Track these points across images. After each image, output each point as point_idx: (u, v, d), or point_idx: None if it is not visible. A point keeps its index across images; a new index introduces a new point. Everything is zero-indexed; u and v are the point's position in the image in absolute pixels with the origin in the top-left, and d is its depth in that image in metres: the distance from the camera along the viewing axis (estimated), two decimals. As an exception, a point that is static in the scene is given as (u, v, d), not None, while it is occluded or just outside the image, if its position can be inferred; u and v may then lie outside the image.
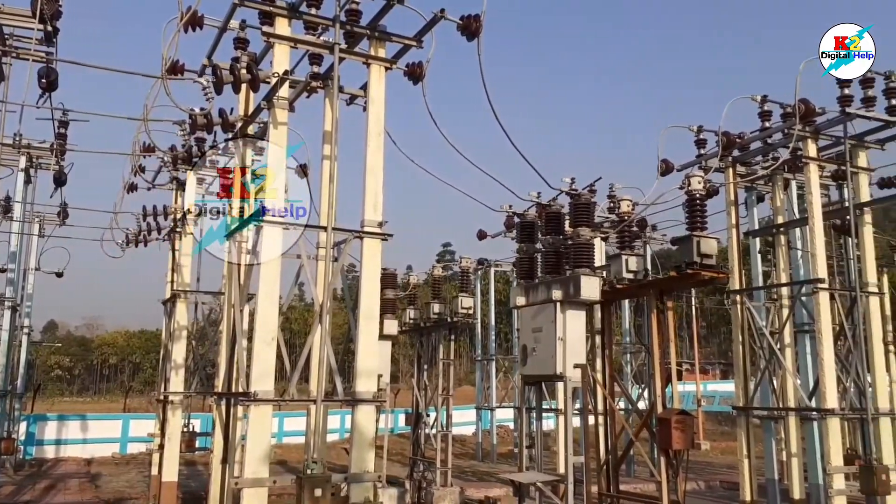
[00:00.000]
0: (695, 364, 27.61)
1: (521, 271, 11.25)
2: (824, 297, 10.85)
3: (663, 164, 13.00)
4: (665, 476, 9.59)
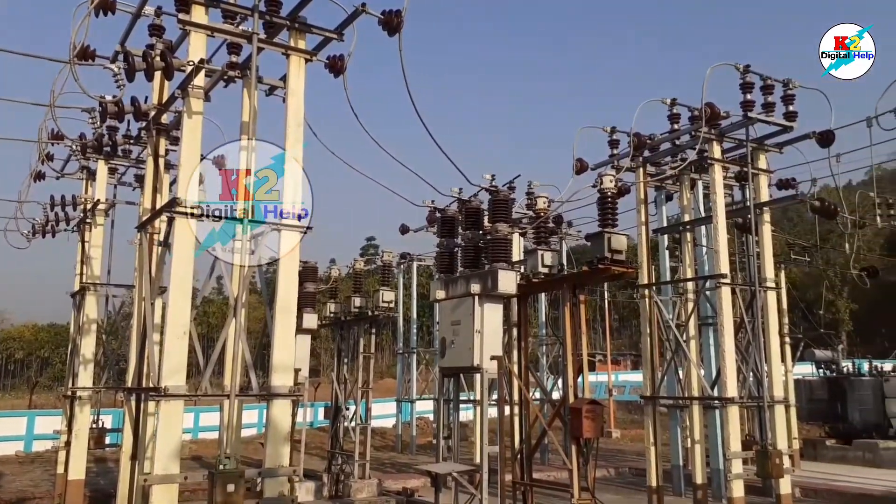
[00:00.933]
0: (607, 355, 28.47)
1: (442, 265, 11.41)
2: (726, 292, 11.46)
3: (578, 163, 13.41)
4: (576, 463, 9.94)
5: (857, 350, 46.41)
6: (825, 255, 48.69)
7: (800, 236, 32.56)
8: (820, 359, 24.64)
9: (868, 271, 16.54)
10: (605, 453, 23.67)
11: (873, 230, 37.04)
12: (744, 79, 11.35)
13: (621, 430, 29.88)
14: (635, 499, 13.72)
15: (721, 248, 11.58)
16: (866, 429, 22.69)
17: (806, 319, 31.64)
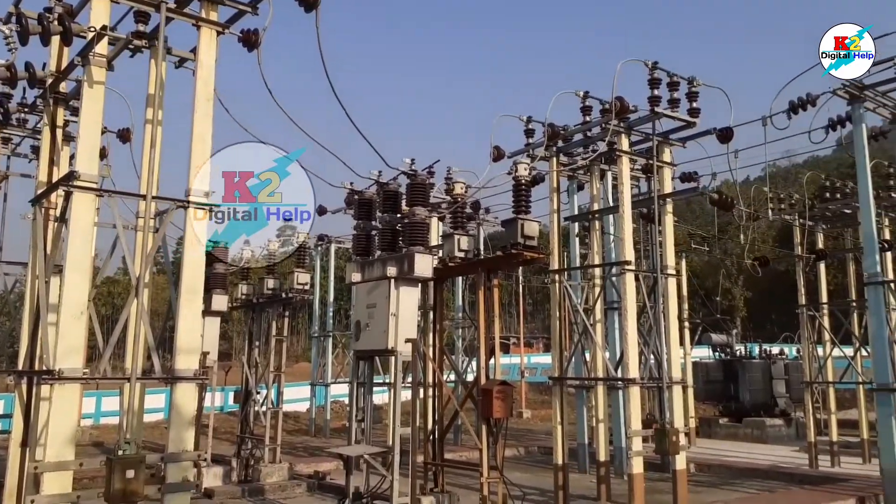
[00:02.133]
0: (520, 338, 29.13)
1: (358, 248, 11.37)
2: (630, 278, 11.92)
3: (495, 150, 13.58)
4: (485, 443, 10.18)
5: (750, 335, 49.20)
6: (723, 245, 51.22)
7: (701, 227, 34.13)
8: (716, 343, 26.05)
9: (760, 261, 17.57)
10: (515, 433, 24.28)
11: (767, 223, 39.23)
12: (651, 75, 11.73)
13: (532, 410, 30.70)
14: (542, 476, 14.16)
15: (626, 237, 12.01)
16: (755, 408, 24.20)
17: (704, 306, 33.30)
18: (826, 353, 17.48)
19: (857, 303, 17.71)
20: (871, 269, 12.20)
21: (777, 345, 27.83)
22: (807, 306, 17.37)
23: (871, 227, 12.30)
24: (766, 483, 14.77)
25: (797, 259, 17.48)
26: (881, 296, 12.12)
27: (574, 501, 12.32)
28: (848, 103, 12.25)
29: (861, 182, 12.41)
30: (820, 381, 17.39)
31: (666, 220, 12.70)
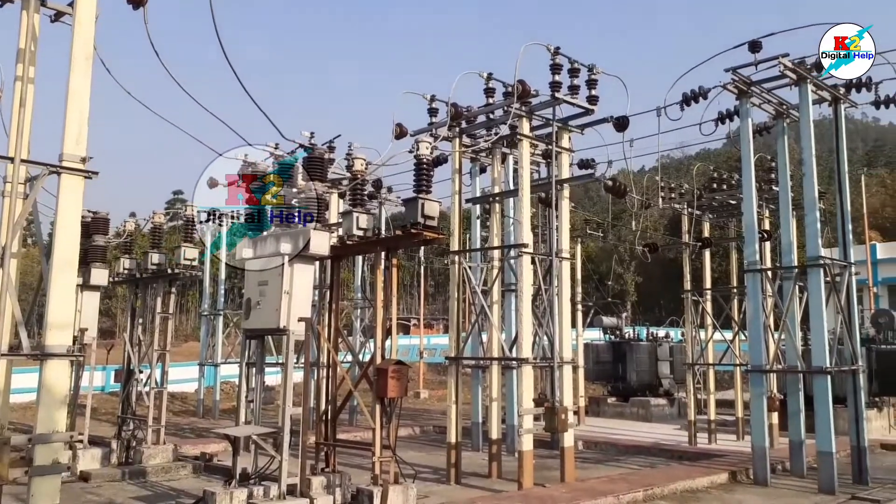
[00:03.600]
0: (420, 319, 29.29)
1: (250, 223, 10.97)
2: (527, 260, 12.13)
3: (398, 128, 13.47)
4: (379, 422, 10.12)
5: (639, 318, 51.38)
6: (617, 232, 53.21)
7: (597, 214, 35.31)
8: (607, 325, 27.01)
9: (650, 247, 18.32)
10: (412, 413, 24.43)
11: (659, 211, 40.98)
12: (553, 60, 11.90)
13: (430, 390, 30.99)
14: (436, 455, 14.26)
15: (524, 220, 12.20)
16: (641, 388, 25.33)
17: (597, 289, 34.54)
18: (708, 336, 18.47)
19: (737, 289, 18.76)
20: (751, 258, 12.91)
21: (664, 328, 29.22)
22: (691, 292, 18.25)
23: (753, 217, 13.01)
24: (648, 459, 15.49)
25: (684, 246, 18.32)
26: (758, 283, 12.86)
27: (466, 479, 12.49)
28: (736, 98, 12.86)
29: (745, 174, 13.09)
30: (701, 363, 18.35)
31: (563, 205, 12.97)
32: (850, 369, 12.47)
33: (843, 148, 13.20)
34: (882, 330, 21.16)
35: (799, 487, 11.69)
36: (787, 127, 13.67)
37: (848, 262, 12.74)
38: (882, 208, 63.97)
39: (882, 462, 14.43)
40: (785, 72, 11.91)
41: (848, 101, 13.19)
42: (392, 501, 9.67)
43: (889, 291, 42.12)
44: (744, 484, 12.13)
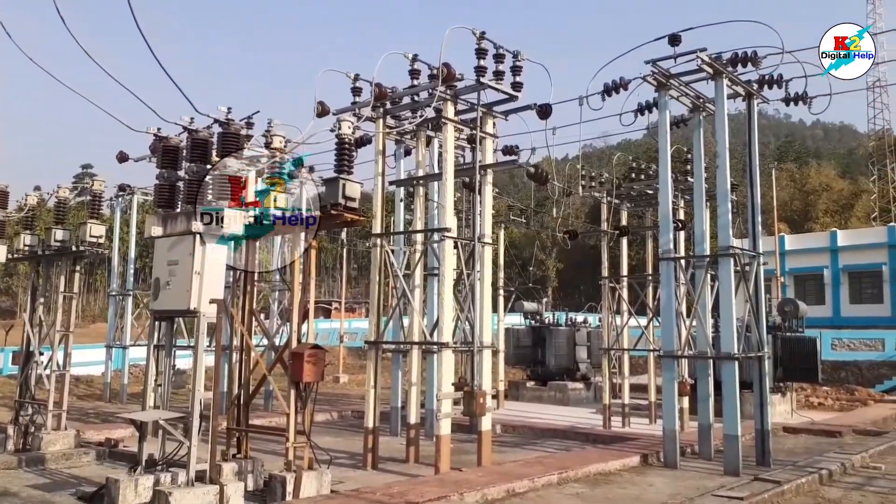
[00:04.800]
0: (342, 302, 28.98)
1: (161, 200, 10.53)
2: (449, 245, 12.08)
3: (319, 105, 13.11)
4: (293, 407, 9.89)
5: (560, 304, 52.49)
6: (540, 218, 54.01)
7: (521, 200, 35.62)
8: (527, 310, 27.38)
9: (570, 234, 18.61)
10: (331, 398, 24.19)
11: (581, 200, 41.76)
12: (479, 45, 11.81)
13: (350, 375, 30.76)
14: (354, 440, 14.13)
15: (448, 204, 12.13)
16: (560, 372, 25.84)
17: (520, 275, 34.97)
18: (623, 322, 18.94)
19: (652, 277, 19.28)
20: (665, 246, 13.25)
21: (582, 314, 29.85)
22: (609, 278, 18.65)
23: (668, 207, 13.33)
24: (564, 442, 15.80)
25: (603, 234, 18.68)
26: (672, 271, 13.20)
27: (383, 463, 12.40)
28: (655, 90, 13.11)
29: (662, 165, 13.38)
30: (616, 348, 18.82)
31: (486, 190, 12.96)
32: (757, 356, 12.97)
33: (755, 142, 13.64)
34: (787, 318, 22.19)
35: (706, 469, 12.11)
36: (703, 120, 14.05)
37: (757, 253, 13.23)
38: (791, 202, 67.36)
39: (784, 445, 15.14)
40: (702, 66, 12.21)
41: (761, 96, 13.64)
42: (305, 487, 9.49)
43: (795, 281, 44.42)
44: (654, 467, 12.49)
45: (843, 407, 23.44)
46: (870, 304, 41.77)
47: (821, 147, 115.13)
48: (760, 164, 14.30)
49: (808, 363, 20.87)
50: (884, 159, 67.27)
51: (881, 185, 67.18)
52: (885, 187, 66.58)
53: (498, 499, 9.63)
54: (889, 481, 11.43)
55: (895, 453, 14.36)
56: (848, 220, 62.86)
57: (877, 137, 69.27)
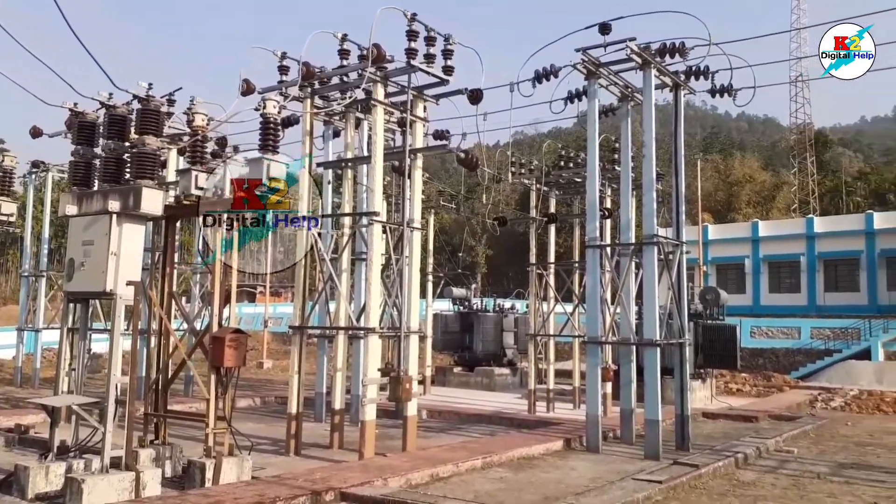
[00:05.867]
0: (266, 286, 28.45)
1: (76, 177, 10.14)
2: (377, 229, 11.94)
3: (245, 83, 12.72)
4: (213, 393, 9.64)
5: (489, 290, 52.99)
6: (471, 205, 54.32)
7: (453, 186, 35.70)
8: (456, 296, 27.48)
9: (499, 220, 18.73)
10: (254, 384, 23.74)
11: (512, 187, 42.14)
12: (410, 27, 11.65)
13: (274, 360, 30.25)
14: (277, 426, 13.87)
15: (377, 188, 11.99)
16: (487, 358, 26.06)
17: (450, 261, 35.09)
18: (550, 308, 19.20)
19: (579, 264, 19.59)
20: (592, 234, 13.44)
21: (510, 300, 30.15)
22: (536, 265, 18.87)
23: (595, 195, 13.52)
24: (490, 427, 15.94)
25: (531, 221, 18.86)
26: (598, 258, 13.42)
27: (306, 449, 12.23)
28: (585, 78, 13.23)
29: (590, 154, 13.54)
30: (543, 334, 19.08)
31: (416, 174, 12.85)
32: (678, 342, 13.33)
33: (681, 133, 13.93)
34: (709, 306, 22.93)
35: (627, 454, 12.42)
36: (631, 109, 14.29)
37: (680, 242, 13.56)
38: (715, 192, 69.72)
39: (703, 429, 15.67)
40: (631, 55, 12.38)
41: (688, 87, 13.94)
42: (225, 474, 9.28)
43: (717, 270, 46.07)
44: (577, 451, 12.73)
45: (760, 393, 24.49)
46: (788, 294, 43.75)
47: (745, 139, 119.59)
48: (686, 154, 14.65)
49: (727, 350, 21.63)
50: (804, 153, 70.45)
51: (801, 178, 70.36)
52: (805, 180, 69.79)
53: (422, 483, 9.63)
54: (800, 464, 11.95)
55: (807, 437, 15.07)
56: (769, 212, 65.60)
57: (798, 131, 72.42)
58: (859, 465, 12.04)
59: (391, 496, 8.48)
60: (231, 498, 8.03)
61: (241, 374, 22.92)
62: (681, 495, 9.38)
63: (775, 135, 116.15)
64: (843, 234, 42.53)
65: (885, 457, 12.96)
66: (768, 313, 39.64)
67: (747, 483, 10.40)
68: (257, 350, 32.52)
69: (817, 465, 11.91)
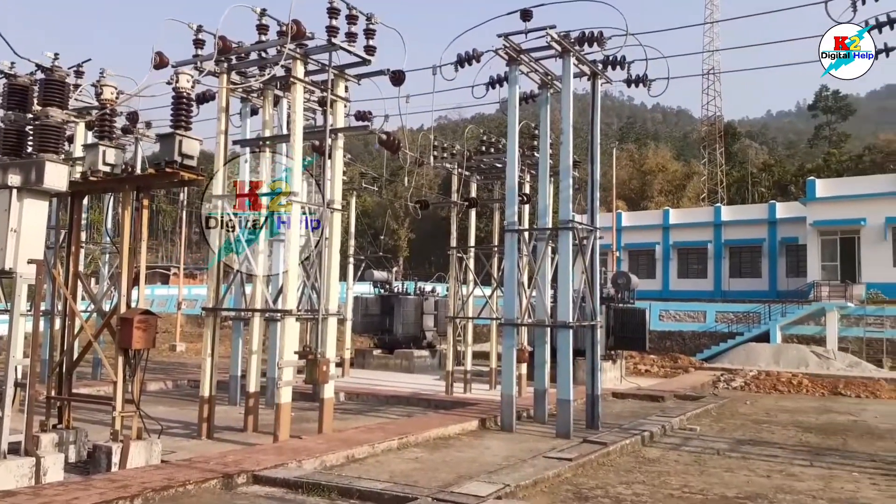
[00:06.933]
0: (181, 268, 27.64)
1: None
2: (296, 210, 11.76)
3: (157, 56, 12.30)
4: (121, 375, 9.34)
5: (411, 273, 53.07)
6: (394, 188, 54.13)
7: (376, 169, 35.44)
8: (377, 279, 27.45)
9: (421, 204, 18.77)
10: (167, 367, 23.09)
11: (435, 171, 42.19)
12: (331, 3, 11.44)
13: (188, 343, 29.48)
14: (189, 409, 13.57)
15: (295, 167, 11.79)
16: (407, 340, 26.20)
17: (372, 243, 34.91)
18: (469, 291, 19.44)
19: (498, 248, 19.87)
20: (510, 219, 13.67)
21: (431, 283, 30.33)
22: (457, 249, 19.04)
23: (514, 181, 13.75)
24: (407, 409, 16.05)
25: (452, 205, 18.99)
26: (515, 242, 13.67)
27: (220, 433, 12.02)
28: (507, 64, 13.39)
29: (510, 139, 13.74)
30: (462, 317, 19.30)
31: (337, 154, 12.72)
32: (590, 325, 13.77)
33: (597, 121, 14.27)
34: (620, 290, 23.75)
35: (540, 433, 12.77)
36: (550, 97, 14.55)
37: (594, 227, 13.94)
38: (629, 181, 71.89)
39: (613, 409, 16.27)
40: (551, 43, 12.59)
41: (605, 76, 14.29)
42: (133, 458, 9.02)
43: (630, 256, 47.62)
44: (492, 430, 13.00)
45: (667, 374, 25.58)
46: (695, 279, 45.70)
47: (659, 130, 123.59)
48: (603, 143, 15.04)
49: (637, 333, 22.49)
50: (714, 144, 73.47)
51: (711, 168, 73.38)
52: (715, 170, 72.83)
53: (337, 465, 9.64)
54: (702, 441, 12.59)
55: (709, 416, 15.87)
56: (680, 200, 68.18)
57: (709, 123, 75.42)
58: (755, 441, 12.78)
59: (305, 478, 8.45)
60: (138, 482, 7.83)
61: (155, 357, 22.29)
62: (589, 472, 9.73)
63: (687, 126, 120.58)
64: (747, 222, 44.67)
65: (778, 433, 13.80)
66: (676, 297, 41.32)
67: (652, 460, 10.87)
68: (170, 333, 31.59)
69: (717, 441, 12.58)
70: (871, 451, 11.93)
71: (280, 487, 8.37)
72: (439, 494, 7.75)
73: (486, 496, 7.69)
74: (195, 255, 58.77)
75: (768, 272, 43.46)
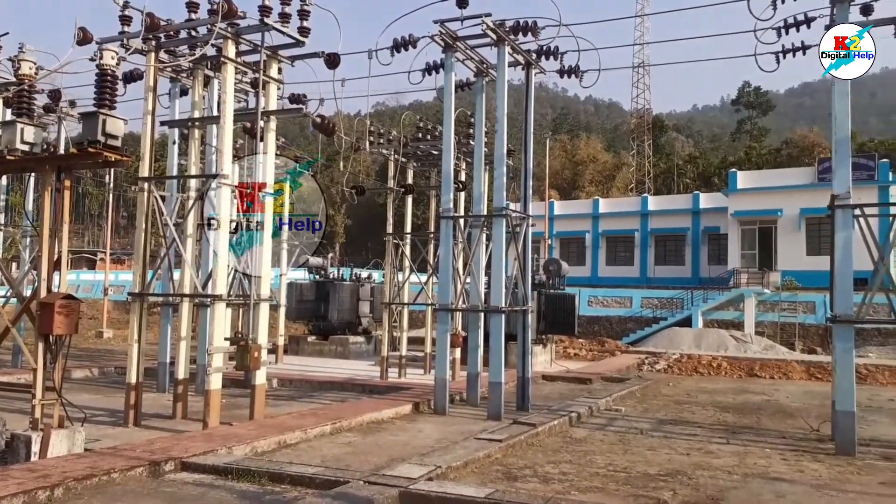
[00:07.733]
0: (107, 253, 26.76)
1: None
2: (226, 192, 11.52)
3: (81, 32, 11.80)
4: (41, 362, 9.01)
5: (347, 259, 52.75)
6: (330, 174, 53.51)
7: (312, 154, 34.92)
8: (312, 265, 27.17)
9: (357, 190, 18.67)
10: (93, 354, 22.38)
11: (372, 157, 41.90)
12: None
13: (115, 330, 28.54)
14: (116, 397, 13.20)
15: (226, 149, 11.56)
16: (342, 326, 26.07)
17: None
18: (405, 277, 19.48)
19: (433, 234, 19.97)
20: (445, 206, 13.76)
21: (367, 269, 30.23)
22: (393, 235, 19.04)
23: (450, 168, 13.83)
24: (342, 394, 16.02)
25: (389, 192, 18.96)
26: (450, 229, 13.77)
27: (148, 420, 11.75)
28: (443, 51, 13.41)
29: (446, 127, 13.82)
30: (397, 303, 19.34)
31: (269, 137, 12.49)
32: (522, 309, 14.02)
33: (531, 110, 14.46)
34: (551, 276, 24.22)
35: (472, 415, 12.97)
36: (486, 85, 14.65)
37: (527, 215, 14.17)
38: (562, 170, 73.15)
39: (542, 391, 16.64)
40: (486, 31, 12.69)
41: (539, 66, 14.48)
42: (54, 447, 8.73)
43: (561, 243, 48.59)
44: (425, 414, 13.12)
45: (595, 357, 26.29)
46: (623, 266, 47.05)
47: (591, 121, 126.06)
48: (537, 133, 15.28)
49: (567, 318, 23.04)
50: (642, 136, 75.42)
51: (639, 160, 75.34)
52: (643, 161, 74.79)
53: (268, 451, 9.57)
54: (627, 422, 13.01)
55: (634, 397, 16.41)
56: (610, 190, 69.83)
57: (638, 116, 77.37)
58: (677, 421, 13.30)
59: (235, 464, 8.37)
60: (59, 471, 7.60)
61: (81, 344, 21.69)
62: (518, 452, 9.95)
63: (618, 118, 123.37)
64: (672, 212, 46.17)
65: (698, 413, 14.40)
66: (605, 284, 42.49)
67: (579, 440, 11.19)
68: (97, 319, 30.53)
69: (641, 422, 13.03)
70: (781, 429, 12.58)
71: (209, 474, 8.25)
72: (371, 477, 7.80)
73: (417, 478, 7.78)
74: (123, 239, 56.81)
75: (691, 260, 45.09)
